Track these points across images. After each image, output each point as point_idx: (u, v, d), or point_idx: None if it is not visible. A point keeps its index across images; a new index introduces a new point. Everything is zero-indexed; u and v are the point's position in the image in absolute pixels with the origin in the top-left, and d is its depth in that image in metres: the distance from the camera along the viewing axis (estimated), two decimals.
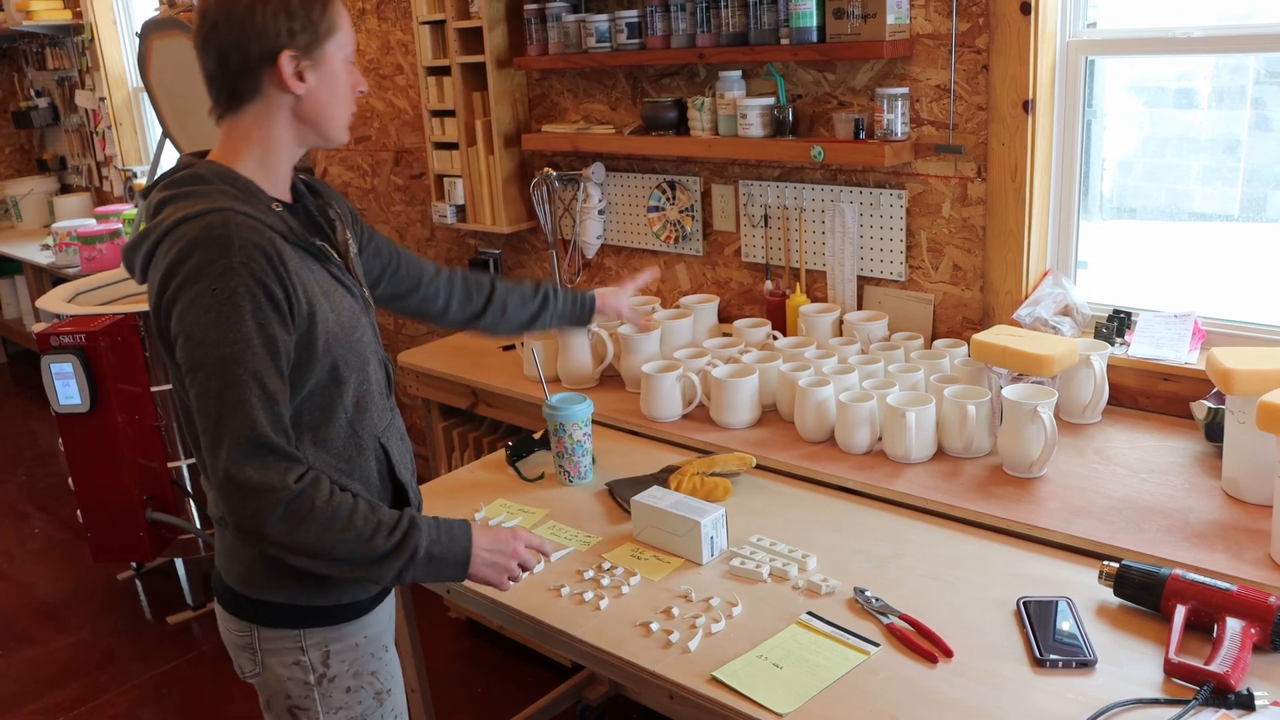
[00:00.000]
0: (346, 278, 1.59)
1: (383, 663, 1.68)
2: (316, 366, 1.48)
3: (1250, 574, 1.62)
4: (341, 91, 1.54)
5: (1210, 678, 1.40)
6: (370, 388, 1.59)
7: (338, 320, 1.51)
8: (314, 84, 1.50)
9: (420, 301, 1.95)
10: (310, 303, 1.46)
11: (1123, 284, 2.40)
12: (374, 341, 1.63)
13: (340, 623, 1.61)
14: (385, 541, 1.45)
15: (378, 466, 1.60)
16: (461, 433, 3.15)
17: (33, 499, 4.62)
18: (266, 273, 1.40)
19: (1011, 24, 2.24)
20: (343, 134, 1.58)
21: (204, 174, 1.48)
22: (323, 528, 1.41)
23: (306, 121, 1.53)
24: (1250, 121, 2.20)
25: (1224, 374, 1.81)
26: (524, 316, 2.06)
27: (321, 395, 1.51)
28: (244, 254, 1.38)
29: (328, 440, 1.53)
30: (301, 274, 1.46)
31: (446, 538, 1.51)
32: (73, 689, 3.20)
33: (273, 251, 1.41)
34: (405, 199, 3.92)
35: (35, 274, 5.66)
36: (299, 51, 1.47)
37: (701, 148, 2.74)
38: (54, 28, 5.74)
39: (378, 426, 1.61)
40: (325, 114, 1.53)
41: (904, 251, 2.56)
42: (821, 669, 1.52)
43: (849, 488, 2.06)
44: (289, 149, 1.54)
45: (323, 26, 1.48)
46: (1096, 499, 1.89)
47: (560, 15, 2.96)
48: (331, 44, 1.50)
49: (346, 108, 1.56)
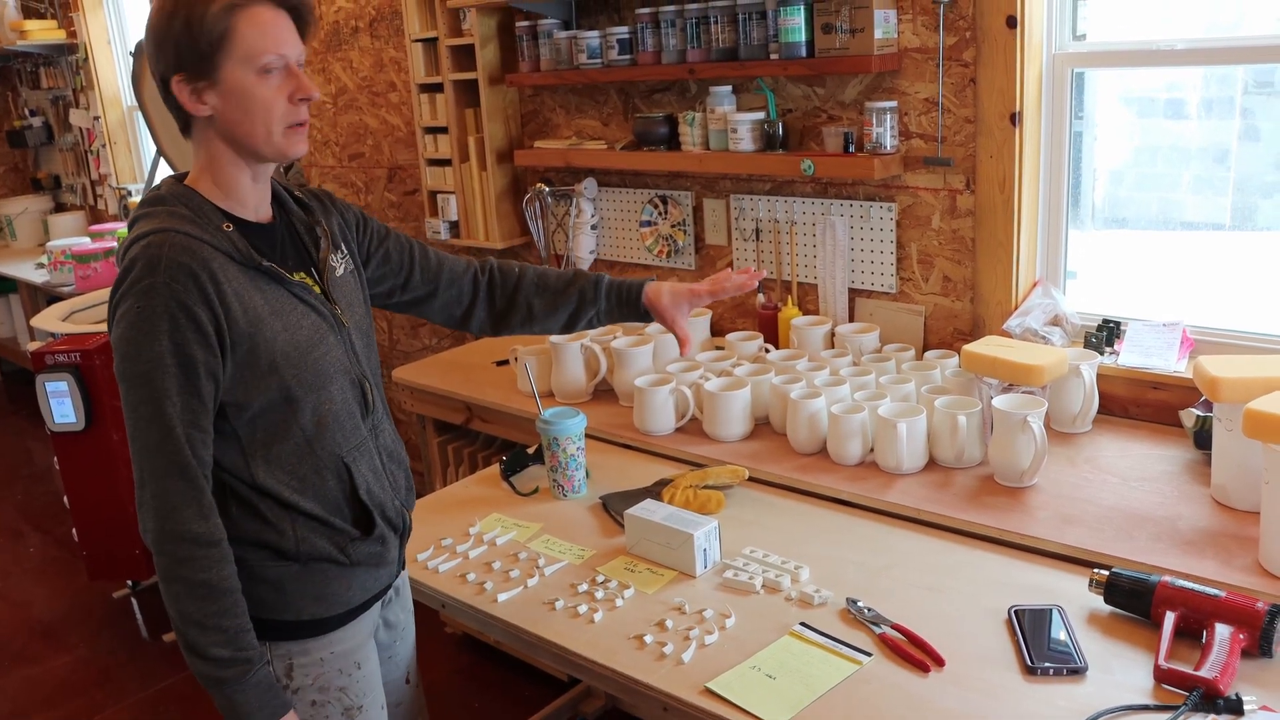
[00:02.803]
0: (311, 297, 1.56)
1: (353, 679, 1.65)
2: (263, 385, 1.48)
3: (1239, 580, 1.63)
4: (255, 106, 1.46)
5: (1200, 683, 1.41)
6: (334, 408, 1.56)
7: (290, 340, 1.50)
8: (217, 103, 1.46)
9: (442, 307, 1.87)
10: (252, 323, 1.46)
11: (1112, 294, 2.41)
12: (344, 360, 1.59)
13: (305, 638, 1.60)
14: (216, 650, 1.45)
15: (339, 486, 1.58)
16: (456, 448, 3.15)
17: (28, 518, 4.62)
18: (190, 293, 1.41)
19: (998, 38, 2.26)
20: (274, 149, 1.49)
21: (165, 195, 1.50)
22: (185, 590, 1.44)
23: (229, 140, 1.49)
24: (1239, 131, 2.22)
25: (1211, 382, 1.83)
26: (561, 319, 1.92)
27: (274, 413, 1.51)
28: (169, 274, 1.40)
29: (280, 457, 1.53)
30: (244, 295, 1.46)
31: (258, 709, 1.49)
32: (70, 707, 3.19)
33: (202, 272, 1.42)
34: (399, 215, 3.93)
35: (30, 293, 5.66)
36: (187, 74, 1.44)
37: (693, 162, 2.75)
38: (48, 47, 5.76)
39: (342, 446, 1.58)
40: (242, 131, 1.47)
41: (894, 264, 2.57)
42: (814, 679, 1.53)
43: (841, 499, 2.07)
44: (233, 168, 1.51)
45: (206, 43, 1.42)
46: (1087, 507, 1.90)
47: (552, 32, 2.98)
48: (226, 58, 1.43)
49: (267, 121, 1.47)
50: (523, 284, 1.90)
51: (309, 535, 1.55)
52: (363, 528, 1.61)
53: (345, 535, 1.59)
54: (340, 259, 1.66)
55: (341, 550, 1.59)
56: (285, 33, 1.47)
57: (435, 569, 1.96)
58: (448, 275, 1.86)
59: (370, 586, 1.66)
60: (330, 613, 1.61)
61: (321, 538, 1.57)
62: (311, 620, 1.59)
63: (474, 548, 2.02)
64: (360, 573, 1.62)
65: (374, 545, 1.63)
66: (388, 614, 1.80)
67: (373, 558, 1.63)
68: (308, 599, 1.58)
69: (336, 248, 1.66)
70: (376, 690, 1.71)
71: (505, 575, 1.91)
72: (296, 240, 1.62)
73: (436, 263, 1.86)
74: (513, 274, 1.91)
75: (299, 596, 1.57)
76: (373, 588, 1.66)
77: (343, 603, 1.61)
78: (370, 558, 1.63)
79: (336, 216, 1.70)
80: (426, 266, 1.84)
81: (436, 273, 1.85)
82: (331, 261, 1.63)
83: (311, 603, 1.58)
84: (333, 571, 1.59)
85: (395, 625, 1.83)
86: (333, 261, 1.64)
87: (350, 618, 1.64)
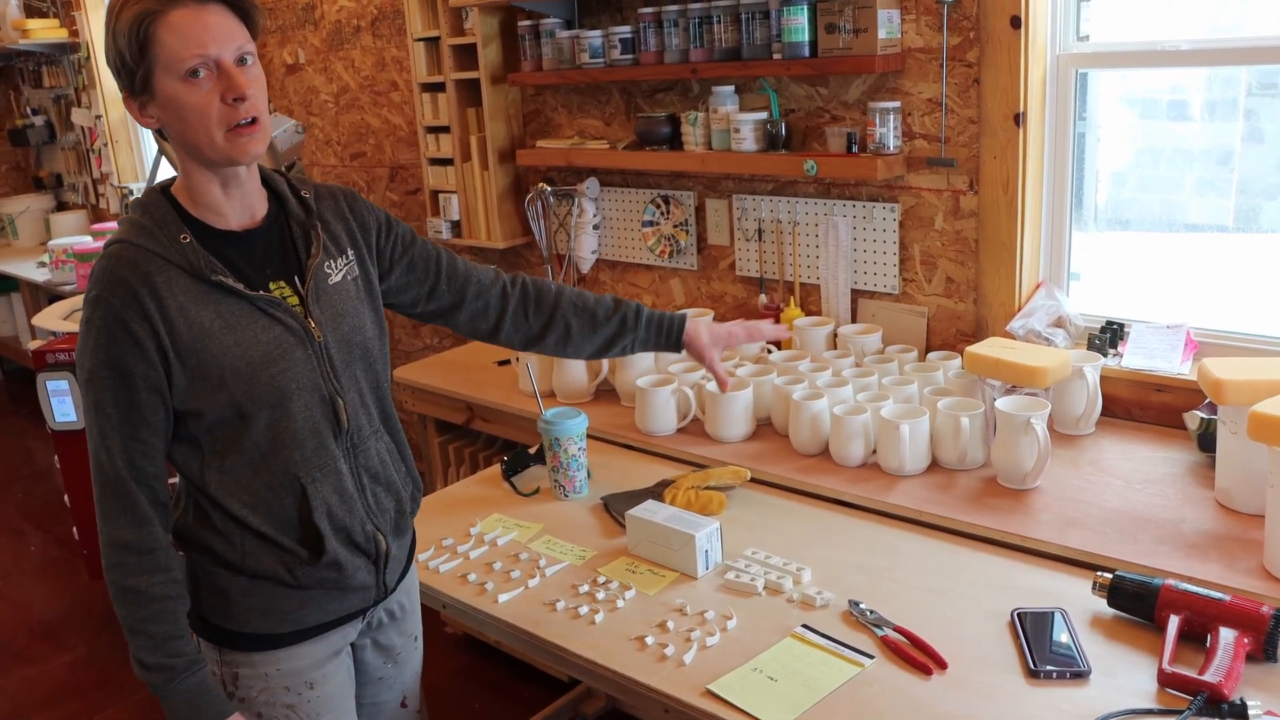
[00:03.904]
0: (280, 310, 1.50)
1: (303, 698, 1.60)
2: (214, 399, 1.46)
3: (1243, 584, 1.62)
4: (188, 113, 1.40)
5: (1204, 688, 1.40)
6: (292, 424, 1.50)
7: (242, 355, 1.46)
8: (160, 115, 1.44)
9: (469, 319, 1.79)
10: (197, 338, 1.43)
11: (1115, 295, 2.41)
12: (311, 376, 1.52)
13: (250, 651, 1.57)
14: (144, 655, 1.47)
15: (294, 506, 1.53)
16: (457, 448, 3.15)
17: (29, 517, 4.61)
18: (128, 307, 1.41)
19: (1002, 38, 2.25)
20: (220, 154, 1.43)
21: (142, 202, 1.50)
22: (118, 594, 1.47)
23: (184, 150, 1.46)
24: (1243, 133, 2.21)
25: (1216, 384, 1.82)
26: (598, 343, 1.86)
27: (227, 427, 1.48)
28: (109, 288, 1.42)
29: (234, 470, 1.50)
30: (189, 309, 1.43)
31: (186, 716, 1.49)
32: (70, 708, 3.18)
33: (143, 288, 1.41)
34: (401, 215, 3.93)
35: (31, 291, 5.66)
36: (128, 91, 1.44)
37: (695, 162, 2.75)
38: (50, 46, 5.76)
39: (301, 466, 1.52)
40: (188, 139, 1.43)
41: (897, 264, 2.57)
42: (816, 681, 1.52)
43: (843, 500, 2.06)
44: (200, 176, 1.48)
45: (132, 58, 1.39)
46: (1090, 510, 1.89)
47: (554, 31, 2.97)
48: (154, 69, 1.39)
49: (205, 127, 1.41)
50: (561, 302, 1.83)
51: (256, 551, 1.52)
52: (312, 551, 1.55)
53: (295, 556, 1.54)
54: (341, 265, 1.59)
55: (290, 571, 1.54)
56: (212, 30, 1.39)
57: (436, 569, 1.95)
58: (475, 286, 1.78)
59: (332, 610, 1.60)
60: (277, 630, 1.57)
61: (269, 556, 1.53)
62: (255, 635, 1.56)
63: (475, 548, 2.02)
64: (316, 595, 1.57)
65: (327, 571, 1.56)
66: (379, 637, 1.74)
67: (327, 582, 1.57)
68: (253, 612, 1.55)
69: (339, 253, 1.59)
70: (337, 712, 1.65)
71: (506, 576, 1.91)
72: (286, 245, 1.56)
73: (464, 273, 1.78)
74: (549, 291, 1.84)
75: (244, 609, 1.55)
76: (335, 611, 1.61)
77: (292, 621, 1.57)
78: (323, 582, 1.57)
79: (355, 220, 1.63)
80: (454, 276, 1.76)
81: (464, 284, 1.77)
82: (325, 268, 1.56)
83: (257, 616, 1.55)
84: (282, 591, 1.55)
85: (390, 649, 1.77)
86: (326, 268, 1.57)
87: (302, 638, 1.59)
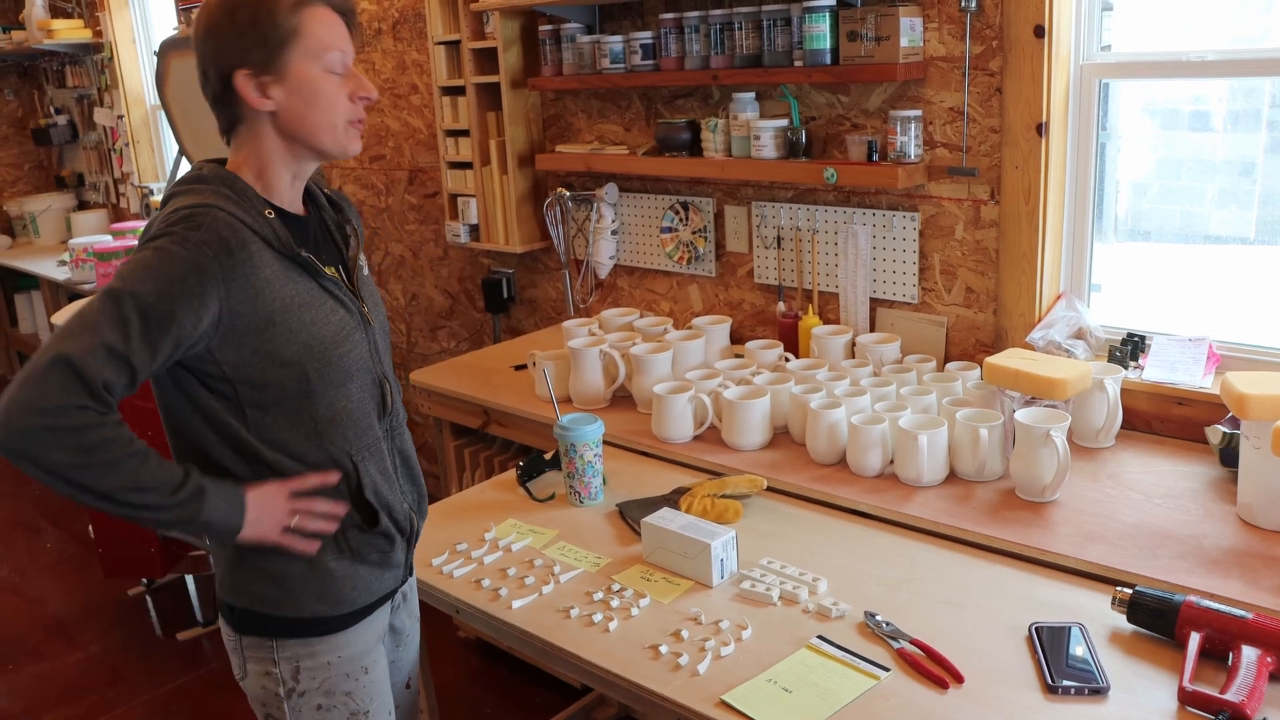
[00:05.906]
0: (341, 292, 1.57)
1: (360, 684, 1.65)
2: (282, 374, 1.47)
3: (1266, 601, 1.60)
4: (320, 100, 1.48)
5: (1225, 707, 1.38)
6: (349, 405, 1.56)
7: (315, 334, 1.50)
8: (282, 97, 1.47)
9: None
10: (274, 311, 1.45)
11: (1137, 307, 2.39)
12: (368, 360, 1.60)
13: (309, 637, 1.59)
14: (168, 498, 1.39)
15: (346, 483, 1.57)
16: (473, 452, 3.14)
17: (45, 513, 4.64)
18: (218, 261, 1.39)
19: (1025, 47, 2.24)
20: (337, 144, 1.53)
21: (206, 175, 1.50)
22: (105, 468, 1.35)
23: (290, 136, 1.50)
24: (1266, 144, 2.19)
25: (1239, 399, 1.80)
26: None
27: (289, 403, 1.50)
28: (206, 235, 1.39)
29: (287, 445, 1.52)
30: (275, 282, 1.46)
31: (223, 514, 1.45)
32: (82, 705, 3.19)
33: (238, 248, 1.41)
34: (419, 218, 3.93)
35: (51, 289, 5.68)
36: (253, 68, 1.45)
37: (715, 169, 2.74)
38: (74, 46, 5.79)
39: (353, 445, 1.57)
40: (305, 126, 1.49)
41: (917, 274, 2.55)
42: (831, 694, 1.51)
43: (860, 511, 2.05)
44: (284, 164, 1.53)
45: (276, 37, 1.44)
46: (1110, 524, 1.88)
47: (575, 36, 2.97)
48: (294, 53, 1.45)
49: (330, 116, 1.50)
50: None
51: None
52: (368, 522, 1.60)
53: (348, 519, 1.58)
54: (365, 262, 1.69)
55: (343, 534, 1.57)
56: (347, 36, 1.52)
57: (450, 574, 1.95)
58: None
59: (376, 588, 1.65)
60: (335, 612, 1.60)
61: None
62: (314, 618, 1.59)
63: (489, 553, 2.01)
64: (364, 572, 1.61)
65: (377, 539, 1.61)
66: (394, 620, 1.79)
67: (375, 554, 1.62)
68: (311, 597, 1.57)
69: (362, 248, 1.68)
70: (384, 696, 1.71)
71: (520, 582, 1.90)
72: (329, 236, 1.64)
73: None
74: None
75: (304, 594, 1.57)
76: (379, 589, 1.65)
77: (348, 602, 1.60)
78: (372, 551, 1.61)
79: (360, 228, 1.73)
80: None
81: None
82: (360, 260, 1.66)
83: (315, 601, 1.58)
84: (337, 570, 1.58)
85: (400, 631, 1.83)
86: (361, 260, 1.66)
87: (355, 619, 1.63)
